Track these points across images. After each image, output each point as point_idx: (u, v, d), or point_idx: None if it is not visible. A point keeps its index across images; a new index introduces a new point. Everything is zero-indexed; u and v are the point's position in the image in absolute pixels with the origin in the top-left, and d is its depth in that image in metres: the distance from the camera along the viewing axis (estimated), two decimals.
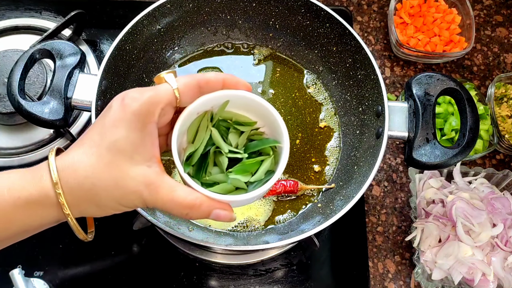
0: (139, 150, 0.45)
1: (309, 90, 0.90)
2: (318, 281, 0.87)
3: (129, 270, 0.86)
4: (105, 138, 0.45)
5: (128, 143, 0.44)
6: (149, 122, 0.45)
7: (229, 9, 0.87)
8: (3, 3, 1.06)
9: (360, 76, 0.80)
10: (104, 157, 0.45)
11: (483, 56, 1.09)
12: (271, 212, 0.80)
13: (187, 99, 0.48)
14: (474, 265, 0.80)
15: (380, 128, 0.73)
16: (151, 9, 0.79)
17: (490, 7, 1.14)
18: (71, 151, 0.47)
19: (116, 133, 0.45)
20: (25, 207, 0.45)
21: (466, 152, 0.68)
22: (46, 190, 0.45)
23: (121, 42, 0.76)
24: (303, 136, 0.86)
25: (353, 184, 0.75)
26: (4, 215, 0.45)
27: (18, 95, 0.68)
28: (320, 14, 0.82)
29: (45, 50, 0.72)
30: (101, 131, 0.46)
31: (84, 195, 0.45)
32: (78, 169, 0.45)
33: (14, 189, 0.45)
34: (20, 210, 0.45)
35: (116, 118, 0.45)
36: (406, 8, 1.07)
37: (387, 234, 0.92)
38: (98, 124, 0.46)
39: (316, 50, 0.88)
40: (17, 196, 0.45)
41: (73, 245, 0.87)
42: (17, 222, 0.46)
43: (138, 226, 0.81)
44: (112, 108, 0.46)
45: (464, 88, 0.71)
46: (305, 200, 0.82)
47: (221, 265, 0.87)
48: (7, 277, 0.76)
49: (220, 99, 0.51)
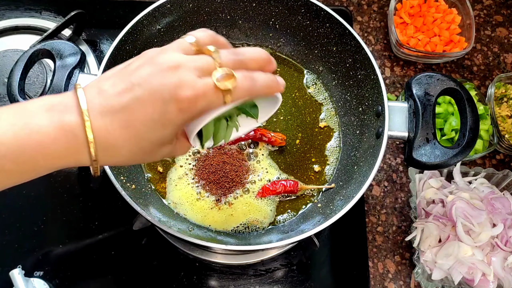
0: (171, 141, 0.50)
1: (309, 90, 0.90)
2: (318, 281, 0.87)
3: (129, 270, 0.86)
4: (147, 134, 0.46)
5: (166, 139, 0.48)
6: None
7: (229, 9, 0.87)
8: (3, 3, 1.06)
9: (360, 76, 0.80)
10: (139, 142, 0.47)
11: (483, 56, 1.09)
12: (274, 214, 0.80)
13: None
14: (474, 265, 0.80)
15: (380, 128, 0.73)
16: (151, 9, 0.79)
17: (490, 7, 1.14)
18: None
19: (161, 132, 0.46)
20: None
21: (466, 152, 0.68)
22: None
23: (121, 42, 0.76)
24: (303, 136, 0.86)
25: (353, 184, 0.75)
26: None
27: (18, 95, 0.68)
28: (320, 14, 0.82)
29: (45, 50, 0.72)
30: (146, 123, 0.46)
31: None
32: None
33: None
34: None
35: (166, 120, 0.45)
36: (406, 8, 1.07)
37: (387, 234, 0.92)
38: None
39: (316, 50, 0.88)
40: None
41: (73, 245, 0.87)
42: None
43: (138, 226, 0.81)
44: (165, 102, 0.44)
45: (464, 88, 0.71)
46: (305, 200, 0.82)
47: (221, 265, 0.87)
48: (7, 277, 0.76)
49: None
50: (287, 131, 0.86)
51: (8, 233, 0.87)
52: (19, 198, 0.90)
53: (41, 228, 0.88)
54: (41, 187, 0.91)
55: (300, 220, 0.79)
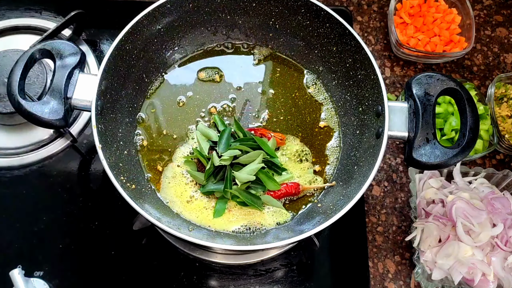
0: None
1: (309, 90, 0.90)
2: (318, 281, 0.87)
3: (129, 270, 0.86)
4: None
5: None
6: None
7: (229, 9, 0.87)
8: (3, 3, 1.06)
9: (360, 76, 0.80)
10: None
11: (483, 56, 1.09)
12: (276, 217, 0.80)
13: None
14: (474, 265, 0.80)
15: (380, 128, 0.73)
16: (151, 9, 0.79)
17: (490, 7, 1.14)
18: None
19: None
20: None
21: (466, 152, 0.68)
22: None
23: (121, 42, 0.76)
24: (303, 136, 0.86)
25: (353, 184, 0.75)
26: None
27: (18, 95, 0.68)
28: (320, 14, 0.82)
29: (45, 50, 0.72)
30: None
31: None
32: None
33: None
34: None
35: None
36: (406, 8, 1.07)
37: (387, 234, 0.92)
38: None
39: (316, 50, 0.88)
40: None
41: (73, 245, 0.87)
42: None
43: (138, 226, 0.81)
44: None
45: (464, 88, 0.71)
46: (305, 200, 0.82)
47: (221, 265, 0.87)
48: (7, 277, 0.76)
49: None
50: (287, 131, 0.86)
51: (8, 233, 0.87)
52: (19, 198, 0.90)
53: (41, 228, 0.88)
54: (41, 187, 0.91)
55: (300, 220, 0.79)
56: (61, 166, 0.93)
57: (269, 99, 0.88)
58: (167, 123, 0.85)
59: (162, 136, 0.84)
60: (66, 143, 0.94)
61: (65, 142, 0.94)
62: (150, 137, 0.84)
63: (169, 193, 0.80)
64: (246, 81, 0.90)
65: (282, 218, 0.80)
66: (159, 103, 0.87)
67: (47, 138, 0.94)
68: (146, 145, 0.83)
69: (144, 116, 0.85)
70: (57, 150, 0.94)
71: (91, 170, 0.93)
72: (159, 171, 0.82)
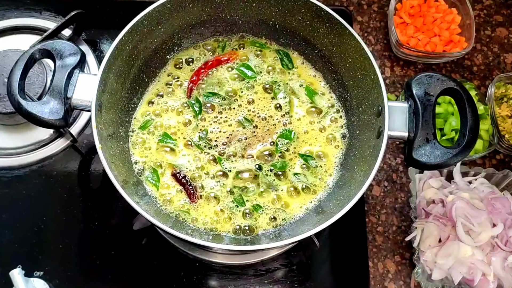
0: None
1: None
2: (318, 281, 0.87)
3: (129, 270, 0.86)
4: None
5: None
6: None
7: (229, 9, 0.87)
8: (3, 3, 1.06)
9: (360, 76, 0.80)
10: None
11: (483, 56, 1.09)
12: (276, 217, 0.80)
13: None
14: (474, 265, 0.80)
15: (380, 128, 0.73)
16: (151, 9, 0.79)
17: (490, 7, 1.14)
18: None
19: None
20: None
21: (466, 152, 0.68)
22: None
23: (121, 42, 0.76)
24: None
25: (353, 184, 0.75)
26: None
27: (18, 95, 0.68)
28: (320, 14, 0.82)
29: (45, 50, 0.72)
30: None
31: None
32: None
33: None
34: None
35: None
36: (406, 8, 1.07)
37: (387, 234, 0.92)
38: None
39: (316, 50, 0.88)
40: None
41: (73, 245, 0.87)
42: None
43: (138, 226, 0.81)
44: None
45: (464, 88, 0.71)
46: (306, 200, 0.82)
47: (221, 265, 0.87)
48: (7, 277, 0.76)
49: None
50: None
51: (8, 233, 0.87)
52: (19, 198, 0.90)
53: (41, 228, 0.88)
54: (41, 187, 0.91)
55: (300, 220, 0.79)
56: (61, 166, 0.93)
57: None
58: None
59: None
60: (66, 143, 0.94)
61: (65, 142, 0.95)
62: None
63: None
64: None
65: (282, 218, 0.80)
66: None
67: (47, 138, 0.94)
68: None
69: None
70: (57, 150, 0.94)
71: (91, 170, 0.93)
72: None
